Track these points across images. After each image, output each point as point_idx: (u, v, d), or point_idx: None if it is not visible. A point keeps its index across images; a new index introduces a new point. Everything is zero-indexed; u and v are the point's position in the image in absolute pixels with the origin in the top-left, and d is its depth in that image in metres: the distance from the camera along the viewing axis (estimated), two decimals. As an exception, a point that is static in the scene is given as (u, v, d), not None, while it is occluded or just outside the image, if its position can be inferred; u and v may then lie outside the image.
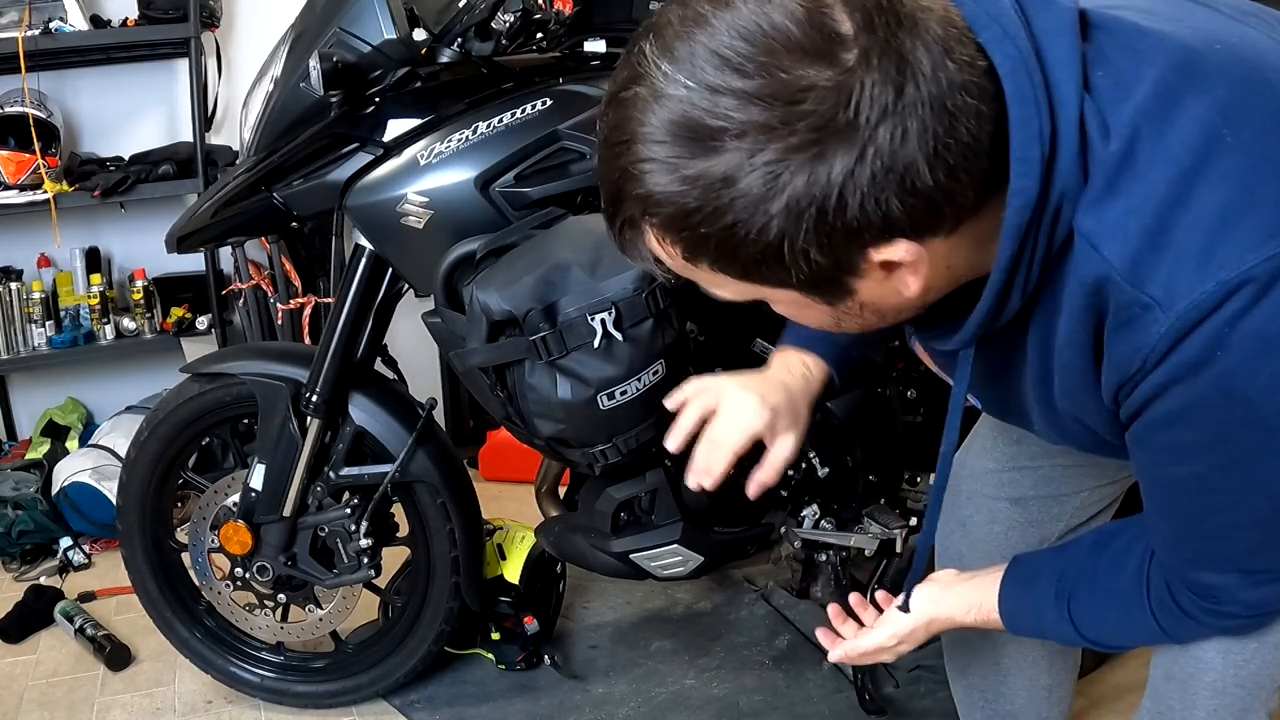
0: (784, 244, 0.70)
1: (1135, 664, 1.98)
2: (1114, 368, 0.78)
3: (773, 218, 0.69)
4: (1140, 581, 0.95)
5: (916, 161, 0.68)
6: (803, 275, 0.72)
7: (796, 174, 0.67)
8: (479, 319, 1.39)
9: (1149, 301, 0.73)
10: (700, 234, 0.71)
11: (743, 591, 2.33)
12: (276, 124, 1.64)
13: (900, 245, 0.71)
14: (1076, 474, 1.24)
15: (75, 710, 1.99)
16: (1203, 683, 1.00)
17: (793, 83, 0.67)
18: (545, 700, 1.98)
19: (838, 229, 0.69)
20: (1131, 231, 0.74)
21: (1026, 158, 0.73)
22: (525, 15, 1.65)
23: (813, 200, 0.68)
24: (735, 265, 0.73)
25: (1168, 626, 0.95)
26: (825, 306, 0.79)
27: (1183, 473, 0.83)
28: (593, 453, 1.44)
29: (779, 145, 0.67)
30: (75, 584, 2.45)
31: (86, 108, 3.01)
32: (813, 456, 1.75)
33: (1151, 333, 0.74)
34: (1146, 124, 0.74)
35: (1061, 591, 1.01)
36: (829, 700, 1.94)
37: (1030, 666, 1.33)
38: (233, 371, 1.79)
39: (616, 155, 0.73)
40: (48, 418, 3.04)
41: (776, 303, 0.81)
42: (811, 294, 0.77)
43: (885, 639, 1.14)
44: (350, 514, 1.77)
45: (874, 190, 0.68)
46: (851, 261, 0.72)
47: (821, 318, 0.82)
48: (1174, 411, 0.77)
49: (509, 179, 1.56)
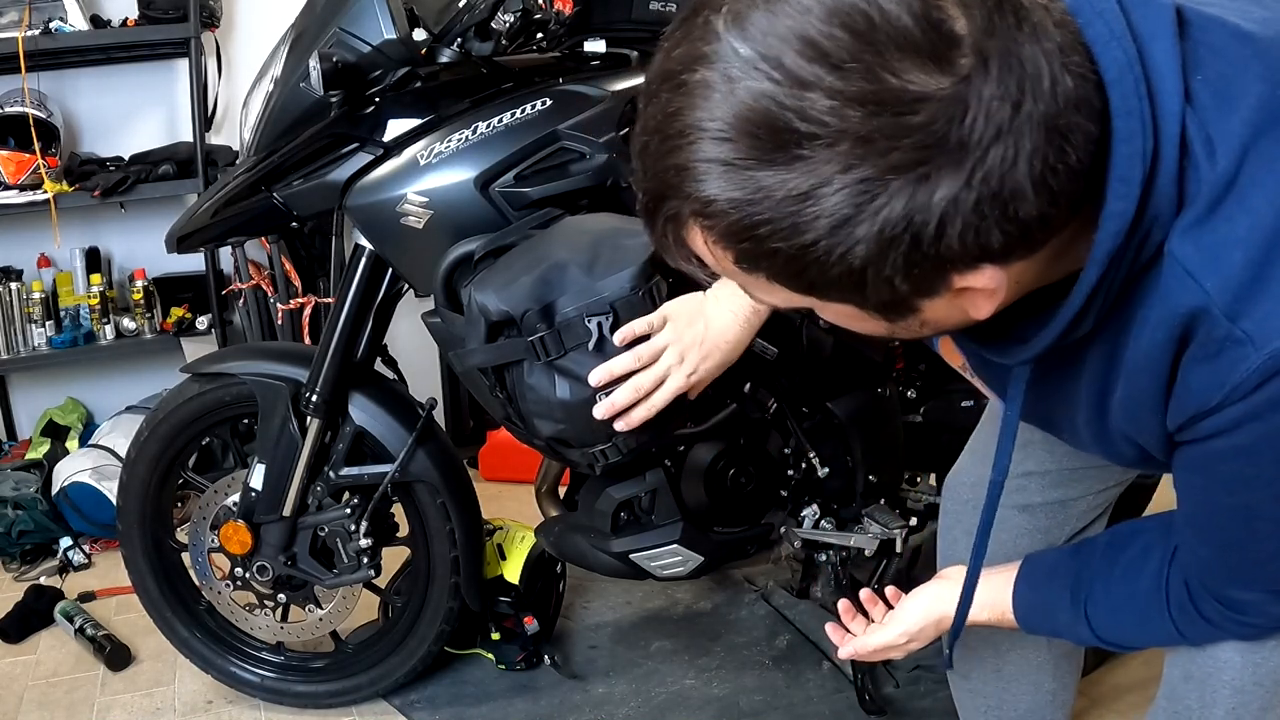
0: (866, 270, 0.63)
1: (1135, 664, 1.98)
2: (1190, 397, 0.75)
3: (859, 242, 0.61)
4: (1159, 587, 0.95)
5: (1023, 187, 0.61)
6: (878, 300, 0.66)
7: (895, 196, 0.60)
8: (477, 320, 1.39)
9: (1242, 337, 0.69)
10: (766, 248, 0.63)
11: (743, 591, 2.33)
12: (276, 124, 1.64)
13: (986, 272, 0.65)
14: (1081, 478, 1.23)
15: (75, 710, 1.99)
16: (1222, 681, 1.00)
17: (903, 90, 0.58)
18: (545, 700, 1.98)
19: (929, 258, 0.62)
20: (1235, 264, 0.69)
21: (1127, 178, 0.67)
22: (525, 15, 1.65)
23: (909, 227, 0.60)
24: (799, 281, 0.66)
25: (1186, 631, 0.95)
26: (883, 322, 0.72)
27: (1236, 502, 0.81)
28: (592, 453, 1.44)
29: (879, 162, 0.59)
30: (75, 584, 2.45)
31: (86, 108, 3.01)
32: (813, 456, 1.75)
33: (1239, 369, 0.70)
34: (1255, 144, 0.68)
35: (1078, 594, 1.00)
36: (829, 700, 1.94)
37: (1035, 671, 1.33)
38: (233, 371, 1.79)
39: (670, 149, 0.64)
40: (48, 418, 3.04)
41: (825, 312, 0.73)
42: (874, 313, 0.70)
43: (895, 637, 1.14)
44: (350, 514, 1.77)
45: (975, 218, 0.61)
46: (933, 288, 0.66)
47: (874, 329, 0.74)
48: (1243, 446, 0.75)
49: (509, 179, 1.56)
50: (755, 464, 1.73)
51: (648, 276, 1.36)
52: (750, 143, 0.61)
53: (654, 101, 0.66)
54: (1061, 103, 0.62)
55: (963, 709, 1.42)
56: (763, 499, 1.76)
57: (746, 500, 1.75)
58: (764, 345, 1.69)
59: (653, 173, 0.67)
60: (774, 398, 1.73)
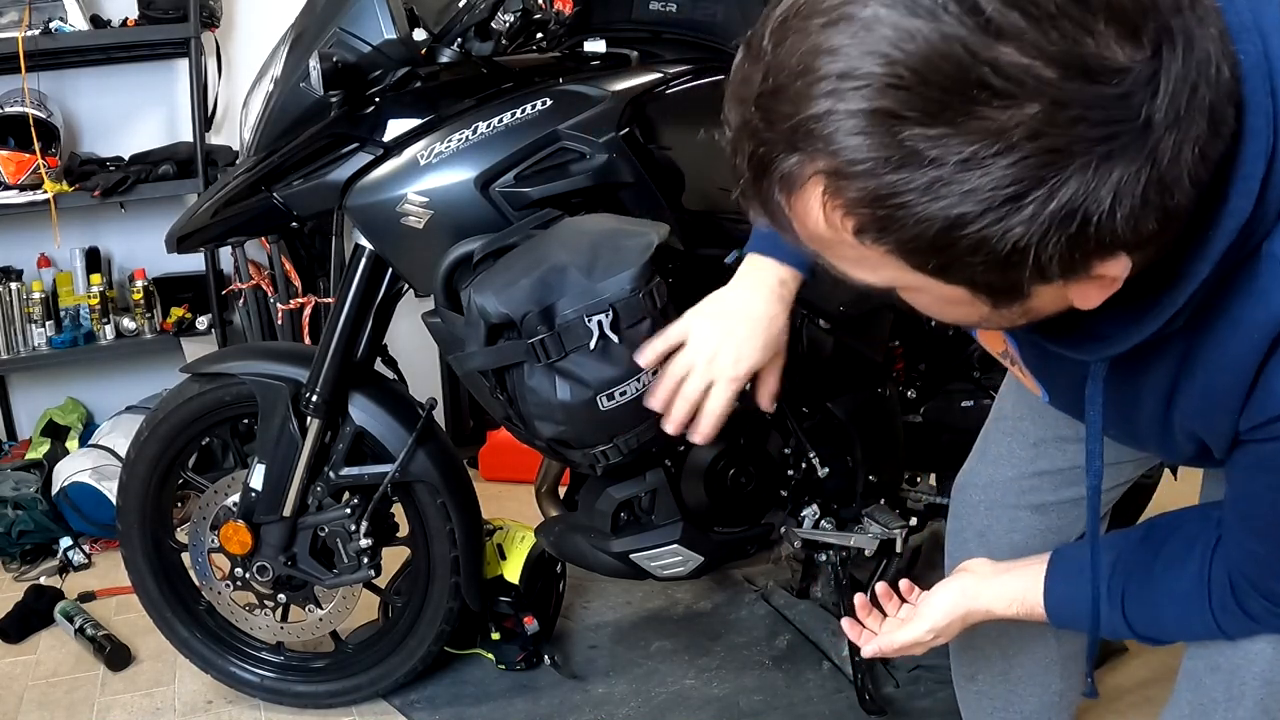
0: (1022, 252, 0.57)
1: (1135, 664, 1.98)
2: (1271, 400, 0.74)
3: (1023, 221, 0.55)
4: (1202, 584, 0.94)
5: (1181, 175, 0.58)
6: (1004, 283, 0.61)
7: (1076, 172, 0.54)
8: (477, 322, 1.39)
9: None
10: (904, 220, 0.57)
11: (743, 591, 2.33)
12: (276, 124, 1.64)
13: (1121, 261, 0.61)
14: None
15: (75, 710, 1.99)
16: (1252, 673, 0.98)
17: (1101, 57, 0.53)
18: (545, 700, 1.98)
19: (1091, 242, 0.57)
20: None
21: (1251, 175, 0.64)
22: (525, 15, 1.65)
23: (1083, 207, 0.55)
24: (929, 259, 0.60)
25: (1226, 625, 0.95)
26: (985, 308, 0.67)
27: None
28: (593, 453, 1.44)
29: (1067, 132, 0.53)
30: (75, 584, 2.45)
31: (86, 108, 3.01)
32: (813, 456, 1.75)
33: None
34: None
35: (1114, 588, 0.99)
36: (829, 700, 1.94)
37: (1043, 672, 1.32)
38: (233, 371, 1.79)
39: (809, 95, 0.56)
40: (48, 418, 3.04)
41: (923, 296, 0.68)
42: (984, 296, 0.65)
43: (921, 633, 1.09)
44: (350, 514, 1.77)
45: (1140, 204, 0.57)
46: (1073, 272, 0.61)
47: (968, 316, 0.69)
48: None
49: (509, 179, 1.56)
50: (755, 464, 1.73)
51: (647, 278, 1.36)
52: (922, 93, 0.53)
53: (790, 37, 0.58)
54: (1222, 92, 0.59)
55: (967, 710, 1.42)
56: (763, 499, 1.76)
57: (746, 500, 1.75)
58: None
59: (776, 122, 0.59)
60: (774, 398, 1.73)
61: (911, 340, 1.84)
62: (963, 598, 1.08)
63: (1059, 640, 1.30)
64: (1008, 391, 1.29)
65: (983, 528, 1.29)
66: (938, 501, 1.90)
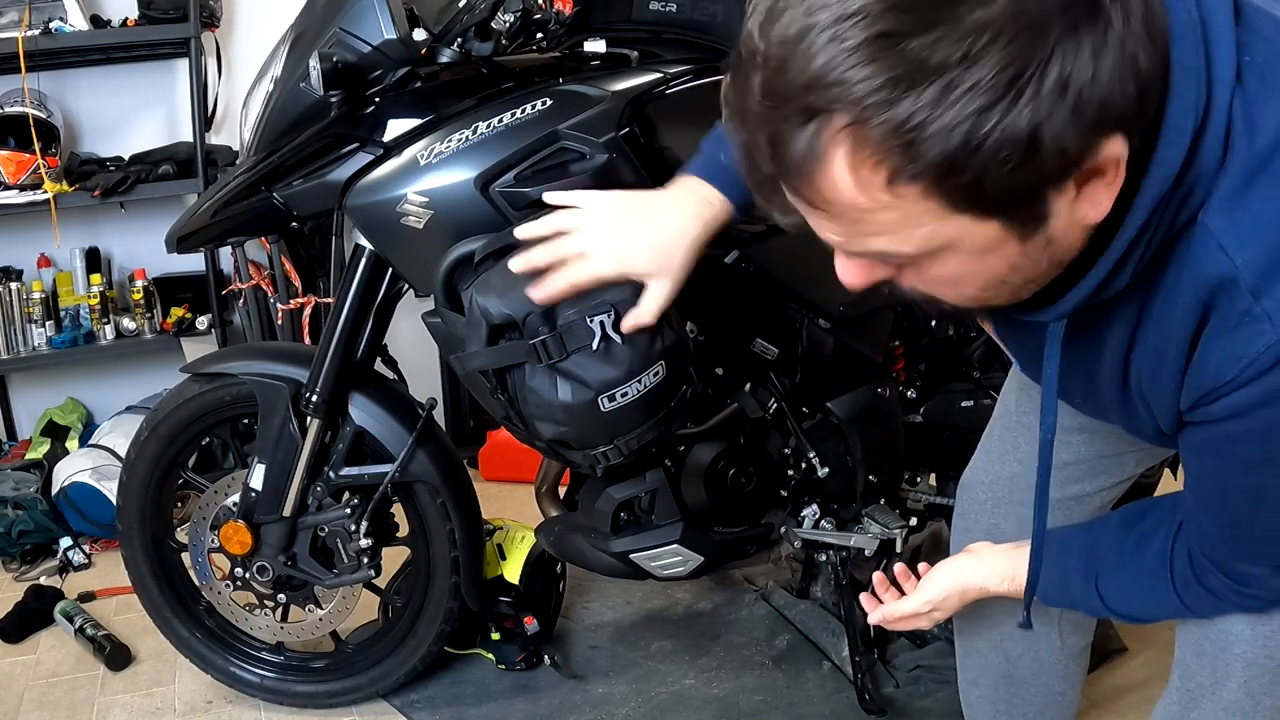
0: (1040, 136, 0.62)
1: (1135, 664, 1.98)
2: (1206, 371, 0.78)
3: (1027, 103, 0.61)
4: (1164, 561, 0.98)
5: (1140, 42, 0.64)
6: (1030, 188, 0.65)
7: (1057, 47, 0.61)
8: (478, 323, 1.39)
9: (1261, 314, 0.72)
10: (928, 137, 0.61)
11: (743, 591, 2.33)
12: (276, 124, 1.64)
13: (1118, 141, 0.66)
14: (1096, 473, 1.24)
15: (75, 710, 1.99)
16: (1234, 655, 1.01)
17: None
18: (545, 700, 1.98)
19: (1089, 115, 0.63)
20: (1266, 243, 0.72)
21: (1180, 128, 0.70)
22: (525, 15, 1.65)
23: (1070, 79, 0.61)
24: (962, 176, 0.63)
25: (1190, 602, 0.97)
26: (1013, 247, 0.71)
27: (1248, 483, 0.84)
28: (594, 454, 1.44)
29: (1039, 5, 0.60)
30: (75, 584, 2.45)
31: (86, 108, 3.01)
32: (813, 456, 1.75)
33: (1255, 345, 0.73)
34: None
35: (1090, 568, 1.04)
36: (829, 700, 1.94)
37: (1045, 674, 1.33)
38: (233, 371, 1.79)
39: (804, 55, 0.62)
40: (48, 418, 3.04)
41: (952, 256, 0.71)
42: (1015, 228, 0.69)
43: (919, 605, 1.18)
44: (350, 514, 1.77)
45: (1114, 68, 0.63)
46: (1084, 157, 0.65)
47: (997, 268, 0.73)
48: (1258, 430, 0.78)
49: (509, 179, 1.56)
50: (755, 464, 1.73)
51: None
52: (912, 6, 0.60)
53: (779, 19, 0.64)
54: (1157, 17, 0.66)
55: (969, 709, 1.42)
56: (763, 499, 1.76)
57: (746, 500, 1.75)
58: (764, 345, 1.69)
59: (787, 98, 0.64)
60: (774, 398, 1.73)
61: (911, 340, 1.84)
62: (959, 574, 1.16)
63: (1061, 639, 1.30)
64: (1011, 388, 1.30)
65: (990, 525, 1.30)
66: (938, 501, 1.90)
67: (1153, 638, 2.00)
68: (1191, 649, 1.06)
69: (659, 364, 1.39)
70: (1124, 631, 2.02)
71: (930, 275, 0.75)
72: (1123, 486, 1.27)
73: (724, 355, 1.69)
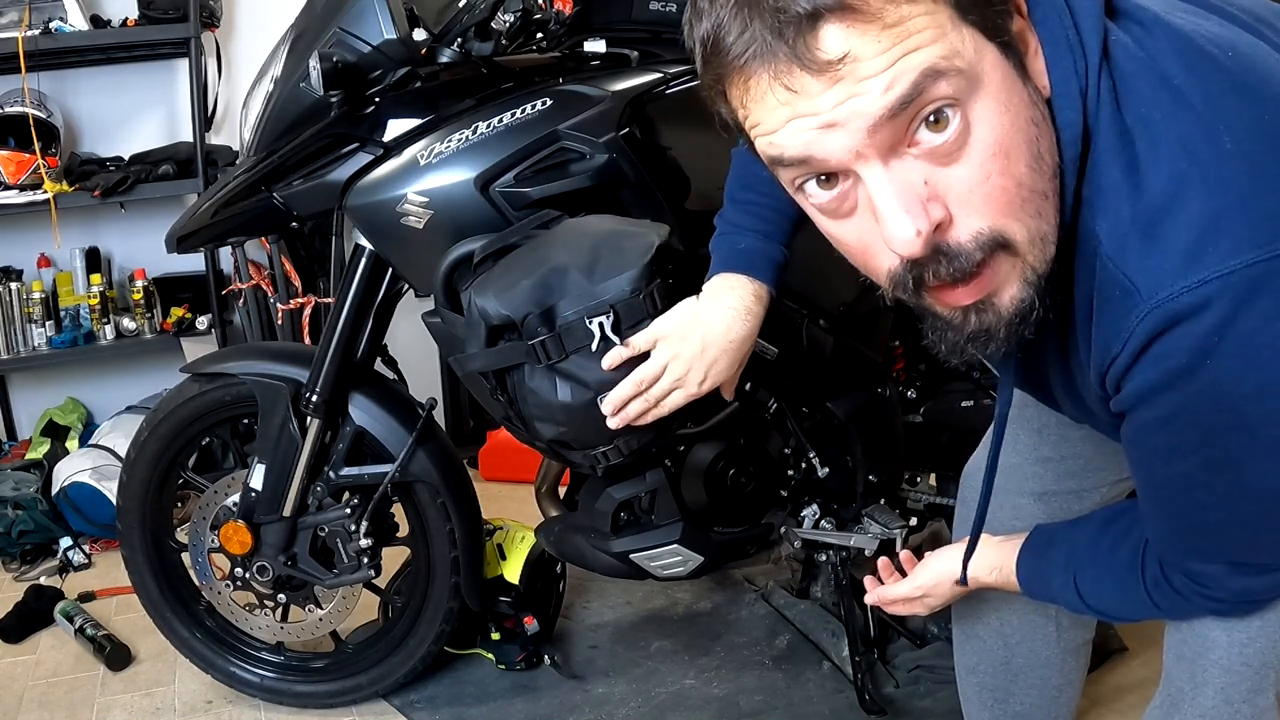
0: None
1: (1135, 664, 1.98)
2: (1098, 347, 0.79)
3: None
4: (1136, 560, 0.98)
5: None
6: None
7: None
8: (477, 324, 1.39)
9: (1130, 286, 0.74)
10: None
11: (743, 591, 2.33)
12: (276, 124, 1.64)
13: (1018, 19, 0.73)
14: (1097, 468, 1.24)
15: (75, 710, 1.99)
16: (1210, 661, 1.02)
17: None
18: (545, 700, 1.98)
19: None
20: (1123, 215, 0.74)
21: (1067, 92, 0.74)
22: (525, 15, 1.65)
23: None
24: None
25: (1161, 603, 0.98)
26: (1016, 82, 0.72)
27: (1172, 472, 0.84)
28: (594, 454, 1.44)
29: None
30: (75, 584, 2.45)
31: (86, 108, 3.01)
32: (813, 456, 1.75)
33: (1130, 318, 0.74)
34: (1154, 112, 0.74)
35: (1070, 564, 1.04)
36: (829, 700, 1.94)
37: (1042, 666, 1.33)
38: (233, 371, 1.79)
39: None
40: (48, 418, 3.04)
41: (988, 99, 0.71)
42: (1002, 50, 0.72)
43: (911, 590, 1.21)
44: (350, 514, 1.77)
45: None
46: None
47: (1024, 117, 0.73)
48: (1163, 417, 0.79)
49: (509, 179, 1.56)
50: (755, 464, 1.73)
51: (648, 279, 1.36)
52: None
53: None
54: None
55: (967, 703, 1.42)
56: (763, 499, 1.76)
57: (746, 500, 1.75)
58: (764, 345, 1.69)
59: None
60: (774, 398, 1.73)
61: (911, 340, 1.84)
62: (951, 563, 1.17)
63: (1059, 633, 1.31)
64: None
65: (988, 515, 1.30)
66: (938, 501, 1.90)
67: (1154, 638, 1.99)
68: (1173, 653, 1.07)
69: (659, 364, 1.39)
70: (1124, 631, 2.02)
71: (985, 147, 0.71)
72: (1125, 484, 1.27)
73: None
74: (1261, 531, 0.85)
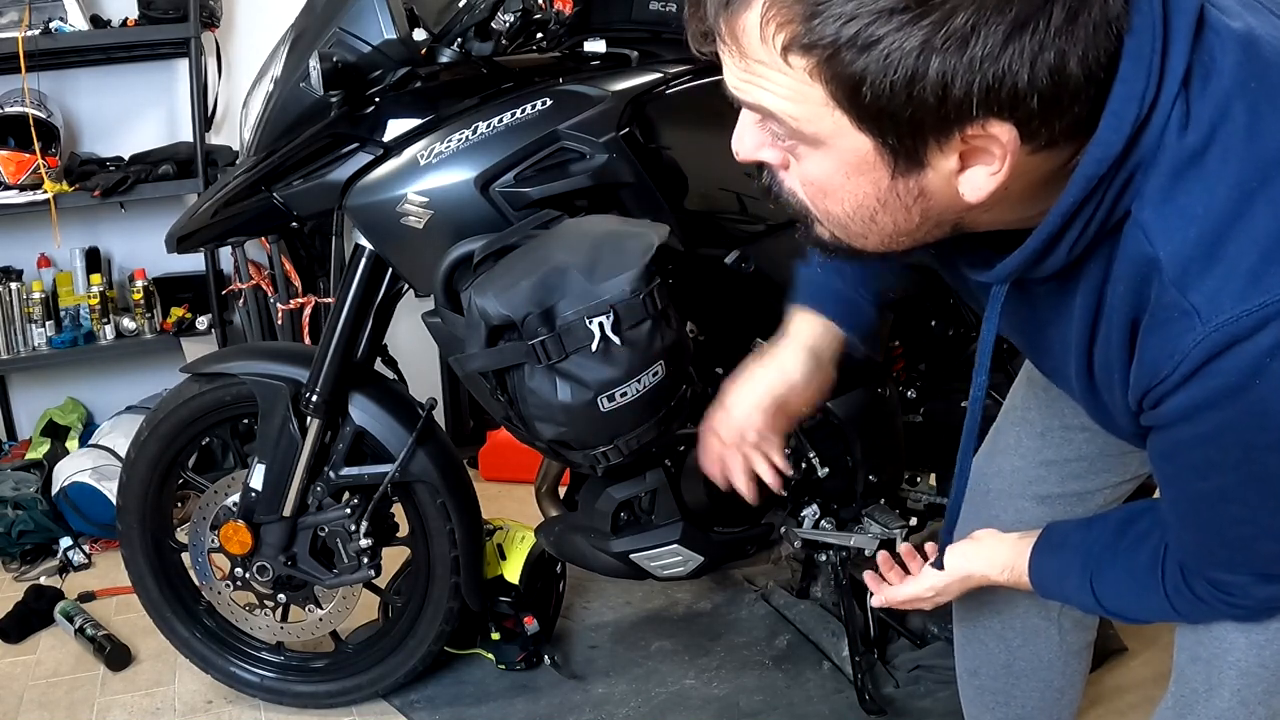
0: (924, 66, 0.65)
1: (1135, 664, 1.98)
2: (1143, 368, 0.78)
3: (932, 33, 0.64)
4: (1156, 565, 0.98)
5: (1069, 51, 0.66)
6: (909, 125, 0.69)
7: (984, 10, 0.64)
8: (477, 324, 1.39)
9: (1189, 309, 0.73)
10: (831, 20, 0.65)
11: (743, 591, 2.33)
12: (276, 124, 1.64)
13: (1007, 128, 0.69)
14: (1099, 470, 1.24)
15: (75, 710, 1.99)
16: (1227, 663, 1.01)
17: None
18: (545, 700, 1.98)
19: (986, 77, 0.66)
20: (1189, 238, 0.73)
21: (1121, 114, 0.72)
22: (525, 15, 1.65)
23: (977, 37, 0.64)
24: (847, 75, 0.67)
25: (1181, 608, 0.97)
26: (884, 177, 0.74)
27: (1207, 487, 0.84)
28: (594, 454, 1.44)
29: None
30: (75, 584, 2.45)
31: (86, 108, 3.01)
32: (813, 456, 1.75)
33: (1186, 340, 0.73)
34: (1224, 127, 0.73)
35: (1087, 564, 1.04)
36: (829, 700, 1.94)
37: (1044, 669, 1.33)
38: (233, 371, 1.79)
39: None
40: (48, 418, 3.04)
41: (827, 158, 0.74)
42: (886, 153, 0.72)
43: (923, 590, 1.19)
44: (350, 514, 1.77)
45: (1031, 57, 0.65)
46: (964, 116, 0.68)
47: (865, 194, 0.76)
48: (1206, 434, 0.78)
49: (509, 179, 1.56)
50: (755, 464, 1.73)
51: (648, 279, 1.36)
52: None
53: None
54: (1113, 14, 0.68)
55: (969, 705, 1.42)
56: (763, 499, 1.76)
57: (746, 500, 1.74)
58: (764, 345, 1.68)
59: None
60: (774, 398, 1.72)
61: (911, 340, 1.84)
62: (963, 560, 1.17)
63: (1061, 636, 1.31)
64: (1019, 384, 1.31)
65: (991, 517, 1.30)
66: (938, 501, 1.90)
67: (1154, 638, 2.00)
68: (1187, 654, 1.06)
69: (658, 364, 1.39)
70: (1124, 631, 2.02)
71: (805, 173, 0.77)
72: (1127, 486, 1.27)
73: (724, 355, 1.69)
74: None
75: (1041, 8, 0.65)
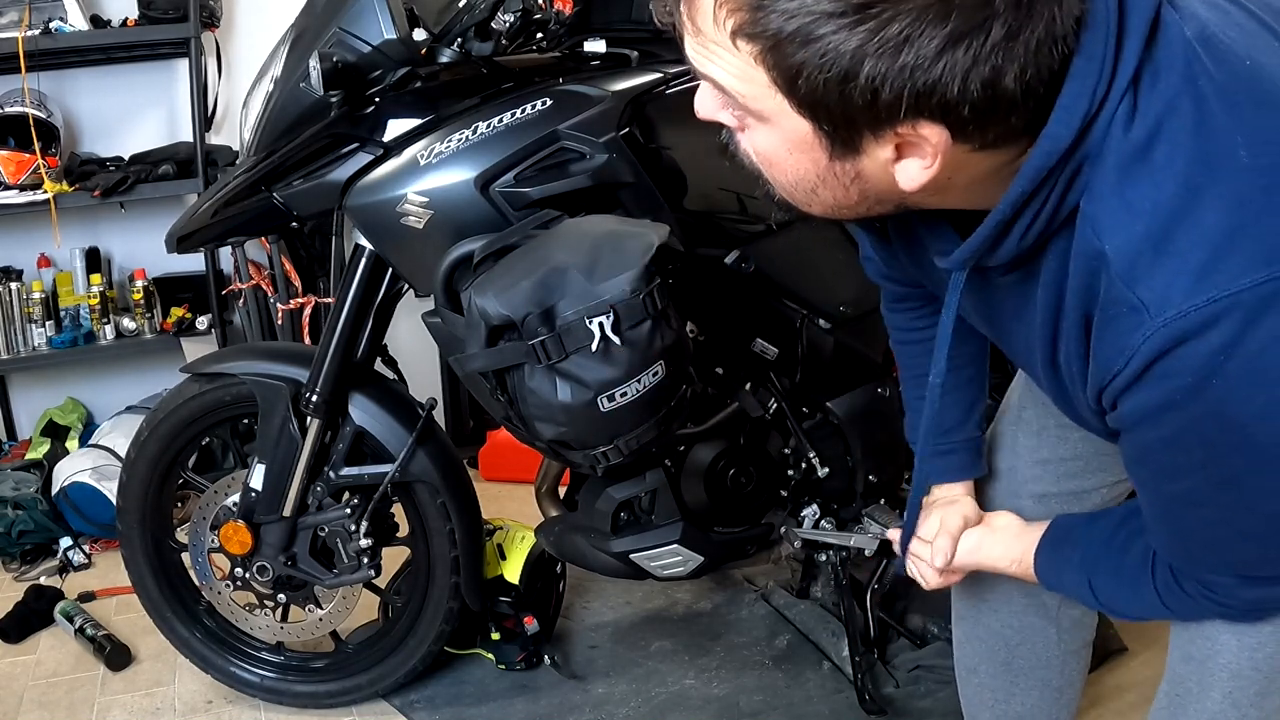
0: (859, 66, 0.67)
1: (1135, 664, 1.98)
2: (1097, 364, 0.79)
3: (864, 32, 0.66)
4: (1146, 562, 0.98)
5: (1005, 68, 0.68)
6: (842, 115, 0.71)
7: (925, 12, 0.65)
8: (477, 324, 1.39)
9: (1138, 304, 0.73)
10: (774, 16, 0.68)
11: (743, 591, 2.33)
12: (276, 124, 1.64)
13: (938, 130, 0.71)
14: (1096, 469, 1.24)
15: (75, 710, 1.99)
16: (1219, 664, 1.02)
17: None
18: (545, 700, 1.98)
19: (918, 84, 0.68)
20: (1136, 233, 0.73)
21: (1072, 108, 0.73)
22: (525, 15, 1.65)
23: (912, 45, 0.66)
24: (786, 65, 0.70)
25: (1172, 604, 0.98)
26: (823, 157, 0.76)
27: (1177, 489, 0.84)
28: (594, 454, 1.44)
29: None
30: (75, 584, 2.45)
31: (86, 108, 3.01)
32: (812, 456, 1.75)
33: (1135, 336, 0.74)
34: (1170, 123, 0.73)
35: (1085, 559, 1.04)
36: (829, 700, 1.94)
37: (1043, 667, 1.33)
38: (233, 371, 1.79)
39: None
40: (48, 418, 3.04)
41: (772, 133, 0.77)
42: (823, 137, 0.74)
43: (938, 559, 1.17)
44: (350, 514, 1.77)
45: (964, 70, 0.67)
46: (894, 115, 0.70)
47: (805, 169, 0.79)
48: (1168, 437, 0.79)
49: (509, 179, 1.56)
50: (755, 464, 1.73)
51: (648, 279, 1.36)
52: None
53: None
54: (1060, 32, 0.69)
55: (967, 703, 1.42)
56: (763, 499, 1.77)
57: (746, 500, 1.75)
58: (764, 345, 1.69)
59: None
60: (774, 398, 1.73)
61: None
62: (979, 548, 1.17)
63: (1060, 635, 1.31)
64: (1016, 385, 1.32)
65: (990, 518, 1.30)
66: (938, 501, 1.90)
67: (1153, 638, 2.00)
68: (1180, 653, 1.07)
69: (658, 364, 1.39)
70: (1124, 631, 2.02)
71: (754, 142, 0.80)
72: (1124, 485, 1.27)
73: (724, 355, 1.70)
74: (1268, 546, 0.85)
75: (980, 25, 0.66)
